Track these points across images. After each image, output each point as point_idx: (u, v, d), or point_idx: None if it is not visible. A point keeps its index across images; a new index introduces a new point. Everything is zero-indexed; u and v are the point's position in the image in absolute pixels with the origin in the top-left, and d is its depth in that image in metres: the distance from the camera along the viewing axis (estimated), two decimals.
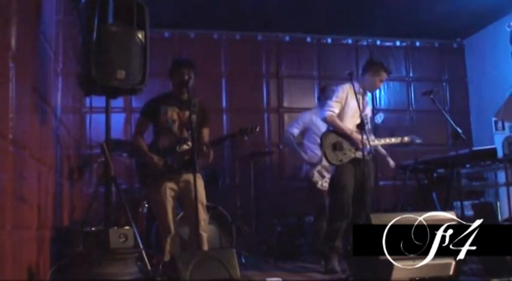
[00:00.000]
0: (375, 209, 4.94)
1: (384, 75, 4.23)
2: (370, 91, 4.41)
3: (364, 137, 3.81)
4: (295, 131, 5.04)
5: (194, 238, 3.33)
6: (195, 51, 6.04)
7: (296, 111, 6.13)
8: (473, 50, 6.86)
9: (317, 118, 4.79)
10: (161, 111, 3.58)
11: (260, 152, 5.67)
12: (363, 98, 4.25)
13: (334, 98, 4.16)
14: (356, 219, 4.02)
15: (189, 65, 3.63)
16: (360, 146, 3.94)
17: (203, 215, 3.49)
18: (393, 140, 4.23)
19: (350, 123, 4.08)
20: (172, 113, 3.59)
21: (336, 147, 4.02)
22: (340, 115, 4.13)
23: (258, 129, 3.49)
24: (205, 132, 3.69)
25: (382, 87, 6.63)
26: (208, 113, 3.75)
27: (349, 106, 4.12)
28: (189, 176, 3.43)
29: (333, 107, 4.11)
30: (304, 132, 5.03)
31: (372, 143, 3.98)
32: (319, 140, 4.17)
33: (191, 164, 3.22)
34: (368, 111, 4.30)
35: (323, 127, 4.36)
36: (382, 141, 4.21)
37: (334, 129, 4.10)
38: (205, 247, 3.44)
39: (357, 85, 4.21)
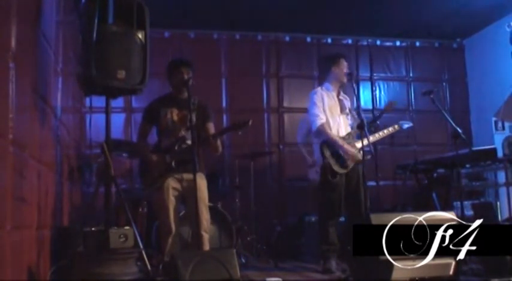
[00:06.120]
0: (374, 209, 4.93)
1: (344, 62, 4.23)
2: (340, 85, 4.32)
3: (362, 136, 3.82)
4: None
5: (196, 238, 3.33)
6: (195, 51, 6.04)
7: (296, 111, 6.14)
8: (473, 50, 6.86)
9: None
10: (161, 114, 3.62)
11: (260, 152, 5.67)
12: (338, 97, 4.27)
13: (314, 105, 4.14)
14: (353, 219, 4.03)
15: (187, 64, 3.64)
16: (351, 158, 3.96)
17: (206, 215, 3.48)
18: (381, 133, 4.24)
19: (334, 125, 4.13)
20: (172, 114, 3.61)
21: (338, 157, 4.02)
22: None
23: (250, 123, 3.47)
24: (210, 127, 3.71)
25: (382, 87, 6.71)
26: (209, 110, 3.76)
27: (327, 108, 4.15)
28: (192, 176, 3.43)
29: (320, 114, 4.11)
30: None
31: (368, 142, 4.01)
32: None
33: (192, 163, 3.22)
34: (348, 107, 4.28)
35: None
36: (371, 137, 4.17)
37: (325, 139, 4.06)
38: (207, 248, 3.44)
39: (329, 86, 4.24)
